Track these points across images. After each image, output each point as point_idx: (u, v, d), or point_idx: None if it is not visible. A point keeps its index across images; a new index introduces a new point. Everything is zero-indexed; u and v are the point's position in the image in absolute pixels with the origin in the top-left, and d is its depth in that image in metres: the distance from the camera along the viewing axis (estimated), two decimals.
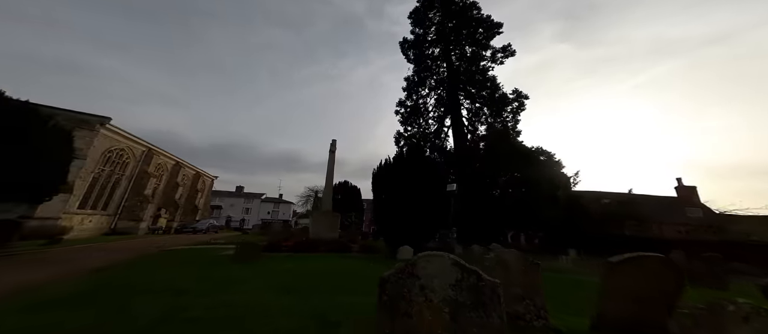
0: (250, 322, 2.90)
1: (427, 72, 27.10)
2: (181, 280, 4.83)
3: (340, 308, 3.44)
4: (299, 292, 4.22)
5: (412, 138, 25.55)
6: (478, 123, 25.32)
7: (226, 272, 5.70)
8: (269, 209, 55.50)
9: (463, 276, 2.23)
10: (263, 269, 6.14)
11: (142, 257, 7.90)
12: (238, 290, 4.27)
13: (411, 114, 26.77)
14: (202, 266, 6.52)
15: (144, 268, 6.17)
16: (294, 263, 7.35)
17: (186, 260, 7.62)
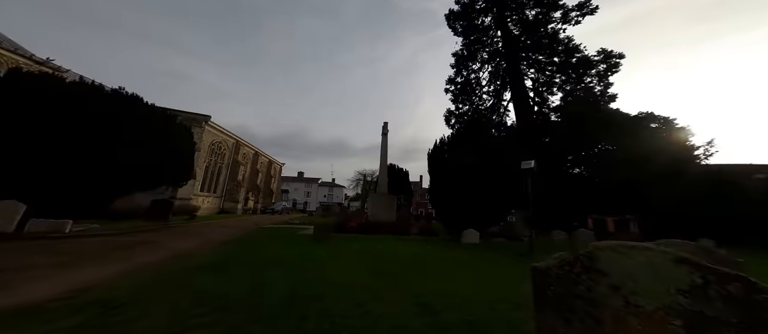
0: (372, 305, 2.97)
1: (478, 44, 24.18)
2: (285, 256, 5.49)
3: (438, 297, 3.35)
4: (388, 275, 4.36)
5: (464, 116, 23.63)
6: (549, 93, 21.68)
7: (313, 251, 6.29)
8: (325, 193, 61.54)
9: (706, 280, 1.56)
10: (341, 249, 6.56)
11: (248, 234, 9.50)
12: (335, 269, 4.56)
13: (461, 91, 24.57)
14: (292, 243, 7.39)
15: (254, 243, 7.31)
16: (362, 244, 7.72)
17: (278, 237, 8.79)
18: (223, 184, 23.07)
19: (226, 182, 23.33)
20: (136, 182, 9.53)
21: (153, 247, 6.16)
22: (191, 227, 10.95)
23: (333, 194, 62.19)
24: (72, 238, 6.84)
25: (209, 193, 21.06)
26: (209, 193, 21.06)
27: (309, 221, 17.65)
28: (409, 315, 2.78)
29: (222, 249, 6.18)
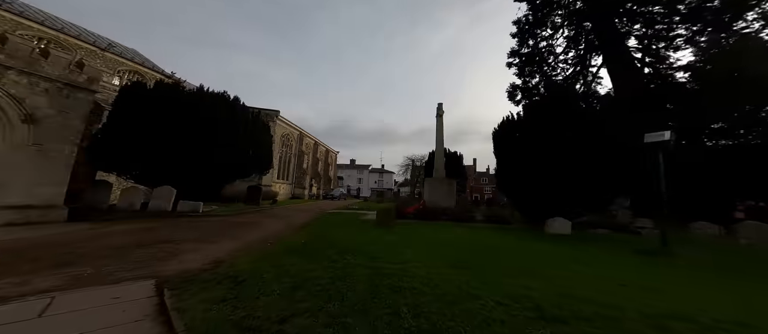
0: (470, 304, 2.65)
1: (547, 7, 19.67)
2: (358, 242, 5.69)
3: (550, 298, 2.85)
4: (474, 268, 3.93)
5: (534, 90, 20.00)
6: (669, 50, 16.21)
7: (381, 237, 6.34)
8: (375, 179, 64.07)
9: None
10: (410, 237, 6.46)
11: (318, 218, 10.52)
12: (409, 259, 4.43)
13: (528, 62, 20.72)
14: (360, 229, 7.67)
15: (326, 227, 7.94)
16: (428, 231, 7.48)
17: (344, 222, 9.35)
18: (293, 172, 26.42)
19: (294, 170, 26.64)
20: (236, 172, 11.62)
21: (253, 227, 7.38)
22: (275, 211, 12.90)
23: (383, 179, 64.22)
24: (203, 217, 8.85)
25: (283, 180, 24.50)
26: (283, 180, 24.50)
27: (366, 206, 18.57)
28: (522, 321, 2.35)
29: (302, 232, 6.92)
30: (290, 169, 26.17)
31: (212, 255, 4.29)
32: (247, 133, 11.79)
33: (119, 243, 4.72)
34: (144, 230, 6.11)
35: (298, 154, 27.23)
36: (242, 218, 9.12)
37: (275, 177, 22.31)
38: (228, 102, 11.38)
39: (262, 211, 12.36)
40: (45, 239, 4.90)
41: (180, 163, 9.42)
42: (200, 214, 9.13)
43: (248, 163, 12.06)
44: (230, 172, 11.28)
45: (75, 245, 4.48)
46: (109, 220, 7.21)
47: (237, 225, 7.55)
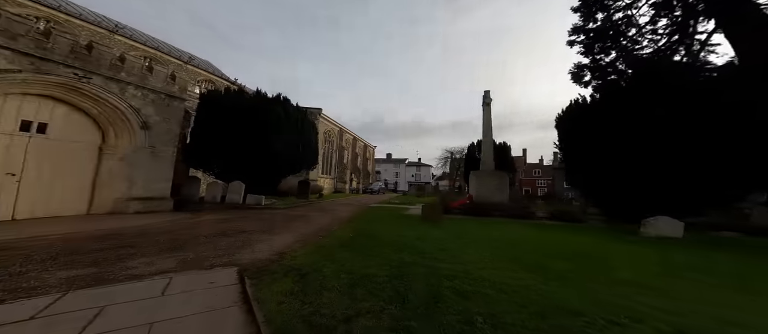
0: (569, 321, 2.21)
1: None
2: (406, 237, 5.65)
3: (675, 319, 2.28)
4: (551, 274, 3.43)
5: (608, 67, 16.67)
6: None
7: (429, 233, 6.19)
8: (412, 172, 63.54)
9: None
10: (460, 233, 6.18)
11: (362, 212, 10.86)
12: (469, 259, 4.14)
13: (599, 38, 17.28)
14: (405, 224, 7.62)
15: (371, 221, 8.14)
16: (482, 228, 6.99)
17: (388, 217, 9.42)
18: (334, 167, 27.98)
19: (336, 165, 28.17)
20: (289, 168, 12.81)
21: (305, 221, 8.01)
22: (322, 204, 13.85)
23: (420, 173, 63.30)
24: (265, 209, 10.01)
25: (326, 175, 26.19)
26: (326, 175, 26.19)
27: (406, 200, 18.52)
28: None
29: (348, 226, 7.21)
30: (332, 164, 27.77)
31: (276, 247, 4.77)
32: (298, 132, 12.85)
33: (208, 232, 5.66)
34: (224, 220, 7.22)
35: (338, 150, 28.66)
36: (295, 212, 10.03)
37: (319, 172, 23.99)
38: (281, 103, 12.53)
39: (311, 204, 13.42)
40: (160, 225, 6.18)
41: (246, 160, 10.83)
42: (262, 206, 10.37)
43: (299, 159, 13.20)
44: (285, 168, 12.51)
45: (180, 232, 5.54)
46: (199, 210, 8.80)
47: (292, 218, 8.32)
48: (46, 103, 6.31)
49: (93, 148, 7.24)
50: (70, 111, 6.76)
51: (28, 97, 5.97)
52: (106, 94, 7.03)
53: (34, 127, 6.14)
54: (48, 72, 5.90)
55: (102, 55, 6.96)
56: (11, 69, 5.34)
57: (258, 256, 4.12)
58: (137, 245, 4.37)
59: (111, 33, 14.45)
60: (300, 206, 12.05)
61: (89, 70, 6.59)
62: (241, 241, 5.00)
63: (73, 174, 6.79)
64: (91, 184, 7.13)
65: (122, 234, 5.07)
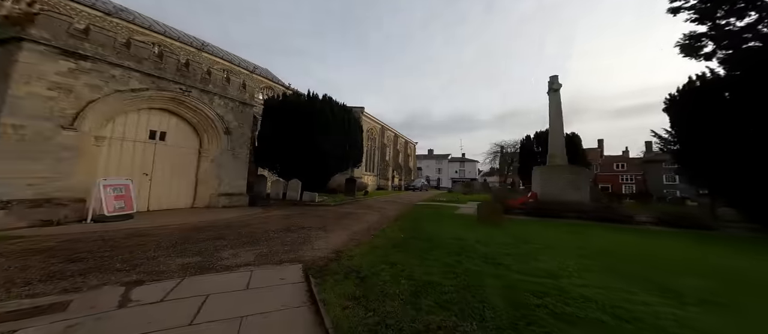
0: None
1: None
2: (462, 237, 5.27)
3: None
4: (678, 293, 2.65)
5: (747, 32, 12.22)
6: None
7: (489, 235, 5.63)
8: (456, 168, 60.34)
9: None
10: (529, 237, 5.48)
11: (410, 210, 10.68)
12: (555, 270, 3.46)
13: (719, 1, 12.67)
14: (458, 224, 7.14)
15: (422, 220, 7.85)
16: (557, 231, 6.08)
17: (437, 215, 8.98)
18: (377, 164, 28.58)
19: (378, 162, 28.74)
20: (339, 165, 13.54)
21: (355, 219, 8.26)
22: (368, 202, 14.25)
23: (464, 169, 59.70)
24: (318, 206, 10.81)
25: (369, 172, 26.99)
26: (369, 172, 26.99)
27: (453, 198, 17.59)
28: None
29: (397, 225, 7.12)
30: (374, 161, 28.41)
31: (332, 244, 5.01)
32: (344, 131, 13.45)
33: (276, 227, 6.33)
34: (286, 216, 8.04)
35: (380, 148, 29.11)
36: (344, 209, 10.53)
37: (363, 170, 24.85)
38: (328, 104, 13.26)
39: (358, 201, 13.95)
40: (241, 219, 7.24)
41: (301, 160, 11.88)
42: (316, 203, 11.23)
43: (346, 157, 13.84)
44: (333, 166, 13.30)
45: (255, 226, 6.36)
46: (267, 206, 10.08)
47: (343, 216, 8.72)
48: (163, 116, 8.04)
49: (194, 152, 8.95)
50: (179, 121, 8.46)
51: (152, 111, 7.70)
52: (201, 104, 8.56)
53: (158, 135, 7.91)
54: (164, 88, 7.51)
55: (195, 70, 8.49)
56: (141, 88, 6.98)
57: (318, 253, 4.38)
58: (226, 237, 5.17)
59: (198, 51, 17.63)
60: (348, 203, 12.65)
61: (189, 85, 8.14)
62: (302, 237, 5.40)
63: (183, 174, 8.53)
64: (194, 182, 8.86)
65: (215, 226, 6.11)
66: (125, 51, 6.77)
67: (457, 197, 17.43)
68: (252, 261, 3.87)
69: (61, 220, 5.56)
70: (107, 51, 6.42)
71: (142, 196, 7.37)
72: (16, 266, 3.20)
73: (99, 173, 6.39)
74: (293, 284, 3.20)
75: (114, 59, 6.50)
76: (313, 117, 12.00)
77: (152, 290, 2.76)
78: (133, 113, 7.25)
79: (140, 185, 7.39)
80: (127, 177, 6.68)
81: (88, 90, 6.05)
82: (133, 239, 4.65)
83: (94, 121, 6.16)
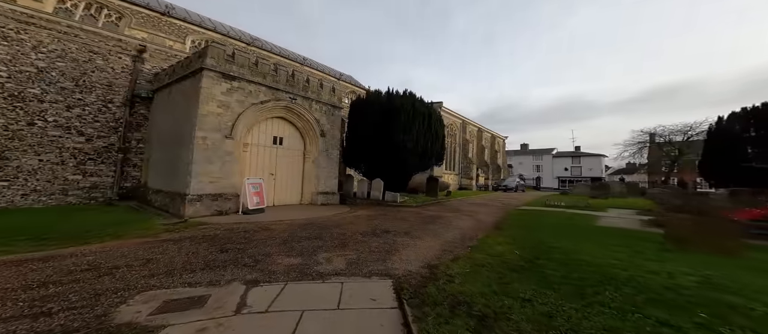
0: None
1: None
2: (656, 272, 3.25)
3: None
4: None
5: None
6: None
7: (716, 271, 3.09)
8: (566, 165, 47.11)
9: None
10: None
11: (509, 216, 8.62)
12: None
13: None
14: (621, 243, 4.69)
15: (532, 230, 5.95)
16: None
17: (561, 226, 6.63)
18: (458, 162, 25.95)
19: (460, 160, 26.02)
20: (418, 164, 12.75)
21: (443, 224, 7.15)
22: (452, 203, 12.71)
23: (581, 165, 45.72)
24: (401, 207, 10.40)
25: (450, 171, 24.83)
26: (450, 171, 24.83)
27: (575, 201, 13.10)
28: None
29: (504, 236, 5.53)
30: (455, 159, 25.90)
31: (422, 254, 4.30)
32: (426, 126, 12.45)
33: (363, 229, 6.20)
34: (372, 217, 7.98)
35: (462, 144, 26.22)
36: (428, 211, 9.58)
37: (443, 169, 23.07)
38: (409, 99, 12.59)
39: (441, 203, 12.69)
40: (333, 218, 7.74)
41: (383, 159, 11.87)
42: (398, 203, 10.89)
43: (428, 154, 12.85)
44: (415, 164, 12.59)
45: (345, 227, 6.49)
46: (355, 204, 10.66)
47: (428, 219, 7.80)
48: (280, 123, 9.80)
49: (300, 154, 10.53)
50: (290, 126, 10.13)
51: (272, 119, 9.52)
52: (303, 110, 9.90)
53: (278, 140, 9.71)
54: (280, 99, 9.12)
55: (299, 80, 9.86)
56: (267, 99, 8.72)
57: (408, 267, 3.74)
58: (322, 237, 5.38)
59: (301, 65, 21.22)
60: (431, 205, 11.66)
61: (295, 93, 9.57)
62: (389, 243, 4.93)
63: (294, 174, 10.20)
64: (300, 181, 10.45)
65: (314, 224, 6.66)
66: (255, 69, 8.57)
67: (585, 201, 12.66)
68: (343, 270, 3.66)
69: (227, 210, 7.53)
70: (245, 70, 8.29)
71: (269, 193, 9.22)
72: (192, 252, 4.21)
73: (245, 173, 8.37)
74: (384, 309, 2.67)
75: (250, 77, 8.34)
76: (392, 114, 11.76)
77: (262, 295, 2.85)
78: (263, 122, 9.15)
79: (268, 184, 9.26)
80: (260, 177, 8.46)
81: (237, 105, 8.00)
82: (261, 234, 5.51)
83: (241, 130, 8.11)
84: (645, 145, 31.80)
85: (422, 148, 12.41)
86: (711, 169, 18.59)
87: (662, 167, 31.62)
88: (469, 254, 4.25)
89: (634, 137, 32.26)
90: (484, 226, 6.89)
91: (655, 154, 31.68)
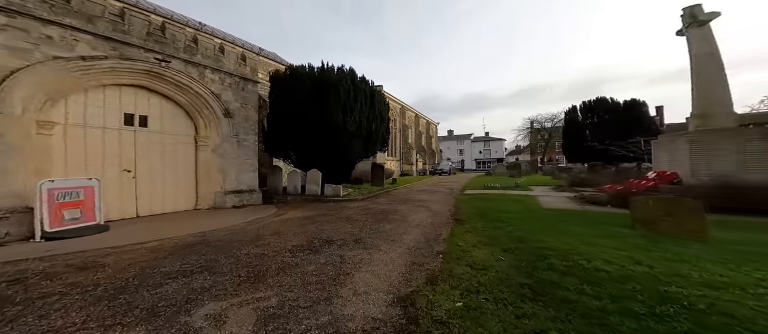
0: None
1: None
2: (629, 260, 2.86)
3: None
4: None
5: None
6: None
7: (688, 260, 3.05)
8: (480, 148, 56.13)
9: None
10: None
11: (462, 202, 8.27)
12: None
13: None
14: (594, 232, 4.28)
15: (494, 219, 5.52)
16: None
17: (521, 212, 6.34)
18: (399, 148, 26.10)
19: (400, 145, 26.22)
20: (363, 150, 11.30)
21: (399, 221, 6.07)
22: (402, 192, 12.02)
23: (490, 148, 55.36)
24: (344, 202, 8.78)
25: (392, 157, 24.63)
26: (392, 157, 24.63)
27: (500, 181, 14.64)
28: None
29: (472, 233, 4.75)
30: (396, 144, 25.92)
31: (386, 278, 2.93)
32: (370, 106, 11.06)
33: (294, 243, 4.29)
34: (307, 220, 6.03)
35: (402, 130, 26.43)
36: (378, 204, 8.39)
37: (386, 155, 22.55)
38: (352, 75, 10.79)
39: (389, 192, 11.79)
40: (247, 229, 5.36)
41: (319, 146, 9.79)
42: (341, 198, 9.21)
43: (373, 139, 11.55)
44: (358, 150, 11.08)
45: (265, 240, 4.37)
46: (284, 203, 8.25)
47: (381, 216, 6.58)
48: (140, 94, 6.18)
49: (189, 141, 7.16)
50: (162, 101, 6.60)
51: (122, 88, 5.84)
52: (187, 79, 6.57)
53: (137, 120, 6.10)
54: (131, 57, 5.53)
55: (176, 36, 6.39)
56: (97, 55, 5.03)
57: (368, 308, 2.30)
58: (216, 267, 3.21)
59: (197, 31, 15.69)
60: (379, 196, 10.53)
61: (168, 54, 6.09)
62: (333, 263, 3.34)
63: (178, 168, 6.82)
64: (194, 178, 7.15)
65: (208, 243, 4.22)
66: (64, 5, 4.73)
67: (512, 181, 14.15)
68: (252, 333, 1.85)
69: (3, 238, 3.94)
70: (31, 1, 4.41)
71: (126, 199, 5.72)
72: None
73: (56, 170, 4.70)
74: None
75: (45, 14, 4.48)
76: (328, 91, 9.68)
77: None
78: (96, 91, 5.39)
79: (123, 186, 5.71)
80: (93, 177, 4.93)
81: (8, 55, 4.15)
82: (68, 279, 2.83)
83: (30, 99, 4.33)
84: (528, 131, 41.10)
85: (367, 132, 10.97)
86: (568, 149, 25.14)
87: (538, 148, 41.94)
88: (446, 268, 3.13)
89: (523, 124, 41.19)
90: (443, 219, 6.11)
91: (535, 137, 41.57)
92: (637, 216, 3.90)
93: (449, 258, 3.46)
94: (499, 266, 3.10)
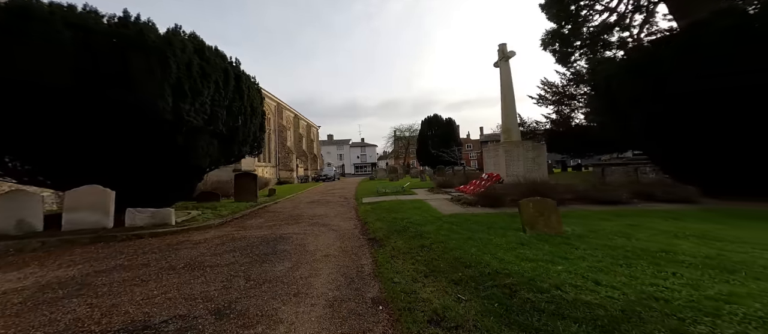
0: None
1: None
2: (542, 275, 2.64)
3: None
4: None
5: None
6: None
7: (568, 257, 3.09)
8: (357, 154, 60.46)
9: None
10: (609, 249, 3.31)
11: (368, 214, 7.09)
12: None
13: None
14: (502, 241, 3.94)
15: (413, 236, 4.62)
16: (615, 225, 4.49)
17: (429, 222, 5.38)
18: (275, 151, 21.64)
19: (277, 149, 21.84)
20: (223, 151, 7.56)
21: (294, 251, 4.23)
22: (286, 206, 9.32)
23: (365, 154, 61.11)
24: (182, 234, 5.13)
25: (266, 163, 19.79)
26: (266, 163, 19.79)
27: (384, 185, 15.21)
28: None
29: (397, 255, 3.78)
30: (271, 148, 21.30)
31: None
32: (235, 94, 7.61)
33: None
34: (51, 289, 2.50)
35: (279, 131, 22.25)
36: (252, 230, 5.63)
37: (257, 160, 17.60)
38: (199, 44, 6.86)
39: (268, 208, 8.75)
40: None
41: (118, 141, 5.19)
42: (174, 228, 5.32)
43: (238, 139, 8.03)
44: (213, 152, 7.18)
45: None
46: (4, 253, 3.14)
47: (262, 250, 4.24)
48: None
49: None
50: None
51: None
52: None
53: None
54: None
55: None
56: None
57: None
58: None
59: None
60: (252, 215, 7.40)
61: None
62: None
63: None
64: None
65: None
66: None
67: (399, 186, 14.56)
68: None
69: None
70: None
71: None
72: None
73: None
74: None
75: None
76: (144, 59, 5.30)
77: None
78: None
79: None
80: None
81: None
82: None
83: None
84: (393, 138, 50.42)
85: (227, 129, 7.35)
86: (421, 155, 33.17)
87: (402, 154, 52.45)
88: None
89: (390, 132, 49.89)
90: (355, 241, 4.64)
91: (398, 144, 51.68)
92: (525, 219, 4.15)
93: (396, 311, 2.31)
94: (467, 313, 2.17)
